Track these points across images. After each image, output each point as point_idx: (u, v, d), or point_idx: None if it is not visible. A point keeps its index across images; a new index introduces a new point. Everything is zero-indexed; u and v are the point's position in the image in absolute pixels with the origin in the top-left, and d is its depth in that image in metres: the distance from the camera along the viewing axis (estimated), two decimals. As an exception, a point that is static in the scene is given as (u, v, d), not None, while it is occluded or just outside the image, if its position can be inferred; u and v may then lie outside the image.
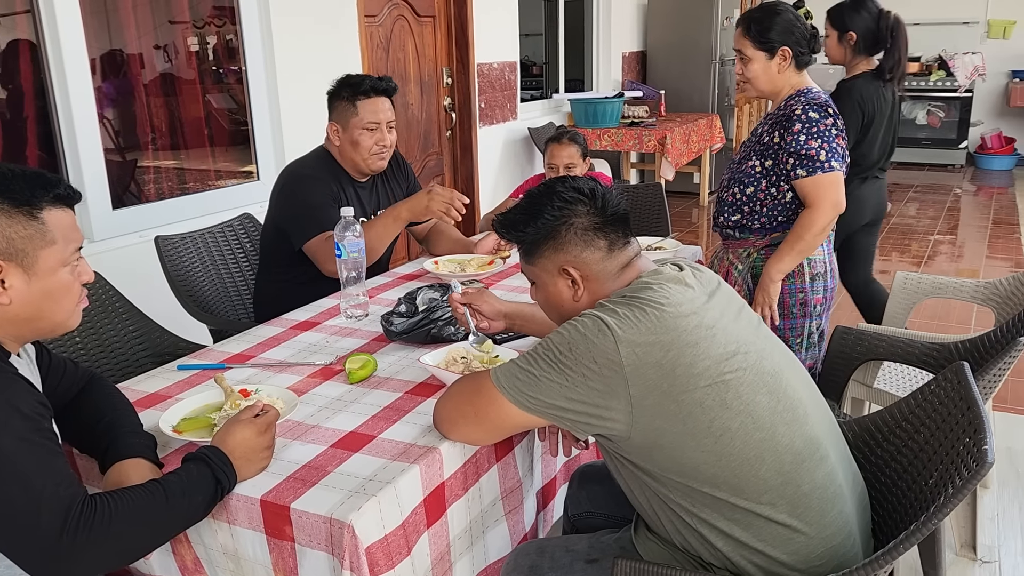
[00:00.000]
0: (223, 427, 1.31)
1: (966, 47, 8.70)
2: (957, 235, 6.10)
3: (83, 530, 1.05)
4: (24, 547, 1.06)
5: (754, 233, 2.29)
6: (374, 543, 1.20)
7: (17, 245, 1.14)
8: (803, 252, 2.20)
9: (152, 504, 1.14)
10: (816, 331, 2.31)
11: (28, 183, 1.16)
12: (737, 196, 2.29)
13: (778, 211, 2.24)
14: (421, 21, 4.54)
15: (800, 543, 1.25)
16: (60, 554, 1.05)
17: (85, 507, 1.07)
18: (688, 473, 1.25)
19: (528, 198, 1.41)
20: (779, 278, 2.23)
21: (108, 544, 1.08)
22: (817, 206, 2.16)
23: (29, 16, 2.72)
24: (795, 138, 2.15)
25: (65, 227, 1.19)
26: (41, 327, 1.21)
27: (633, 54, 7.32)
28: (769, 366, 1.29)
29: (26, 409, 1.09)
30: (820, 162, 2.13)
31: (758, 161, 2.25)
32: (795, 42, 2.19)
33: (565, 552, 1.46)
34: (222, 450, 1.25)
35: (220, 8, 3.44)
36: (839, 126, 2.17)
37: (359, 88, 2.35)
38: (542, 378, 1.25)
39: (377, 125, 2.36)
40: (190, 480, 1.19)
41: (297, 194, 2.35)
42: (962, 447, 1.28)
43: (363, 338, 1.92)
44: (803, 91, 2.21)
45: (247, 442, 1.28)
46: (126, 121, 3.16)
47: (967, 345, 2.01)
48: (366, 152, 2.37)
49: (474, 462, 1.44)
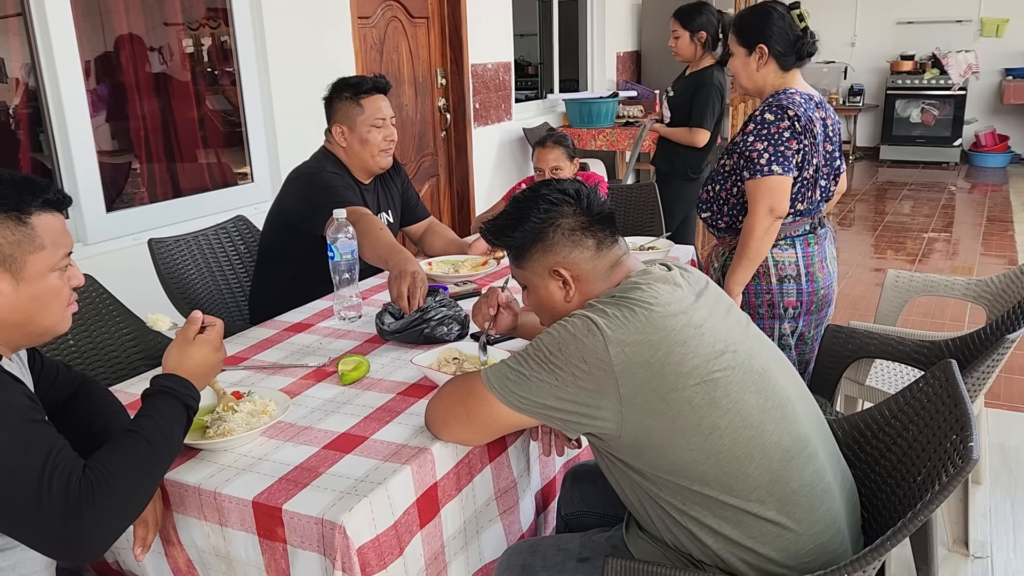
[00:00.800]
0: (175, 350, 1.31)
1: (959, 45, 8.74)
2: (952, 232, 6.12)
3: (87, 506, 1.07)
4: (37, 535, 1.07)
5: (726, 232, 2.31)
6: (365, 543, 1.21)
7: (5, 250, 1.14)
8: (753, 258, 2.19)
9: (140, 455, 1.15)
10: (791, 334, 2.29)
11: (17, 188, 1.16)
12: (709, 193, 2.32)
13: (738, 210, 2.25)
14: (415, 22, 4.55)
15: (789, 540, 1.26)
16: (72, 533, 1.06)
17: (82, 484, 1.08)
18: (678, 471, 1.26)
19: (514, 203, 1.43)
20: (738, 290, 2.24)
21: (114, 509, 1.10)
22: (753, 211, 2.16)
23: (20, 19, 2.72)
24: (744, 139, 2.17)
25: (54, 232, 1.19)
26: (31, 332, 1.21)
27: (628, 54, 7.33)
28: (758, 365, 1.30)
29: (17, 403, 1.10)
30: (760, 165, 2.13)
31: (727, 159, 2.27)
32: (776, 42, 2.19)
33: (557, 551, 1.46)
34: (181, 376, 1.27)
35: (213, 10, 3.44)
36: (798, 129, 2.12)
37: (361, 87, 2.38)
38: (532, 378, 1.26)
39: (383, 120, 2.40)
40: (164, 417, 1.21)
41: (315, 185, 2.35)
42: (949, 444, 1.29)
43: (356, 339, 1.92)
44: (778, 92, 2.20)
45: (206, 360, 1.31)
46: (119, 123, 3.16)
47: (957, 343, 2.02)
48: (375, 148, 2.41)
49: (467, 462, 1.44)
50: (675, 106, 3.97)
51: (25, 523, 1.06)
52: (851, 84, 9.20)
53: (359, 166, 2.46)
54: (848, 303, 4.50)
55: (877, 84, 9.24)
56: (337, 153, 2.46)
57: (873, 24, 9.15)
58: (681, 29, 3.83)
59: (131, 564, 1.42)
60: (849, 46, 9.19)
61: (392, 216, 2.61)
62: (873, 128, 9.43)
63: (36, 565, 1.20)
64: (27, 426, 1.09)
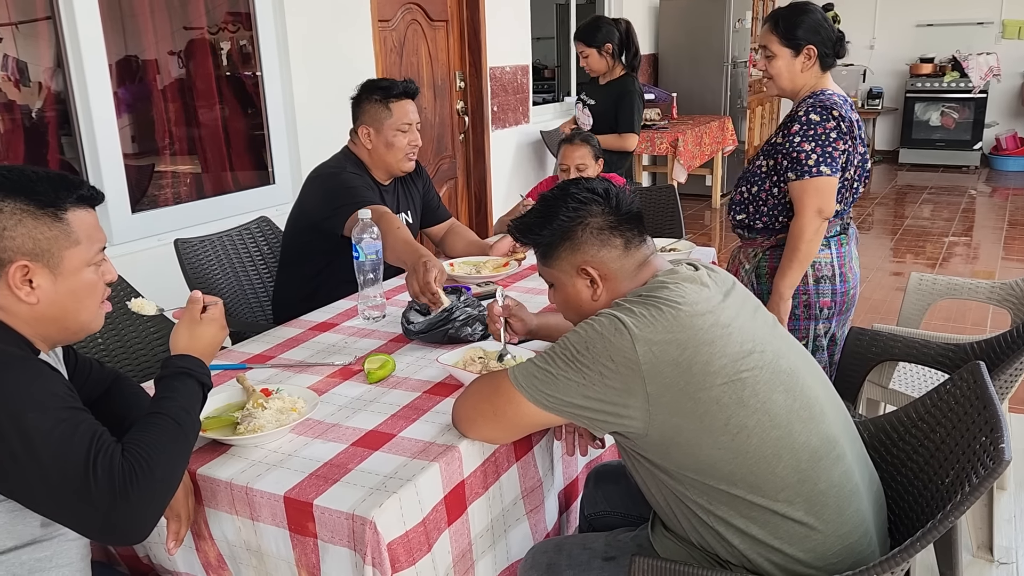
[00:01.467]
0: (183, 331, 1.34)
1: (981, 47, 8.67)
2: (972, 236, 6.07)
3: (133, 488, 1.09)
4: (88, 520, 1.09)
5: (760, 233, 2.30)
6: (395, 539, 1.22)
7: (43, 246, 1.17)
8: (804, 261, 2.19)
9: (171, 434, 1.18)
10: (824, 334, 2.29)
11: (52, 185, 1.19)
12: (744, 195, 2.31)
13: (779, 211, 2.24)
14: (434, 25, 4.57)
15: (817, 541, 1.26)
16: (120, 515, 1.08)
17: (125, 466, 1.10)
18: (705, 470, 1.26)
19: (543, 201, 1.43)
20: (788, 293, 2.23)
21: (156, 488, 1.12)
22: (801, 212, 2.15)
23: (48, 23, 2.77)
24: (790, 139, 2.16)
25: (89, 227, 1.22)
26: (67, 327, 1.24)
27: (645, 57, 7.32)
28: (785, 365, 1.30)
29: (59, 391, 1.12)
30: (808, 166, 2.13)
31: (764, 161, 2.26)
32: (821, 42, 2.19)
33: (582, 550, 1.47)
34: (194, 355, 1.30)
35: (236, 13, 3.47)
36: (843, 129, 2.14)
37: (391, 91, 2.40)
38: (560, 376, 1.27)
39: (410, 126, 2.42)
40: (184, 397, 1.24)
41: (334, 185, 2.37)
42: (978, 446, 1.28)
43: (381, 339, 1.94)
44: (817, 92, 2.20)
45: (215, 339, 1.35)
46: (144, 125, 3.20)
47: (983, 345, 2.01)
48: (400, 153, 2.42)
49: (493, 461, 1.45)
50: (598, 113, 4.11)
51: (74, 508, 1.08)
52: (870, 87, 9.15)
53: (381, 168, 2.47)
54: (868, 306, 4.47)
55: (896, 87, 9.19)
56: (360, 154, 2.48)
57: (893, 26, 9.09)
58: (587, 48, 3.99)
59: (162, 558, 1.44)
60: (868, 49, 9.13)
61: (412, 217, 2.63)
62: (892, 131, 9.37)
63: (72, 556, 1.22)
64: (69, 413, 1.11)
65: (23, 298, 1.17)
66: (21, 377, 1.10)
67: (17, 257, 1.15)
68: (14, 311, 1.18)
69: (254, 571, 1.34)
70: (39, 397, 1.09)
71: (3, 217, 1.14)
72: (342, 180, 2.37)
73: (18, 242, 1.15)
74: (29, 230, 1.16)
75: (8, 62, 2.75)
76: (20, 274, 1.16)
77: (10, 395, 1.07)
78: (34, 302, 1.18)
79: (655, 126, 6.37)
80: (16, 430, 1.06)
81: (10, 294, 1.16)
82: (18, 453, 1.06)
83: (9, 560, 1.16)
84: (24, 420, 1.06)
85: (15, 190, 1.16)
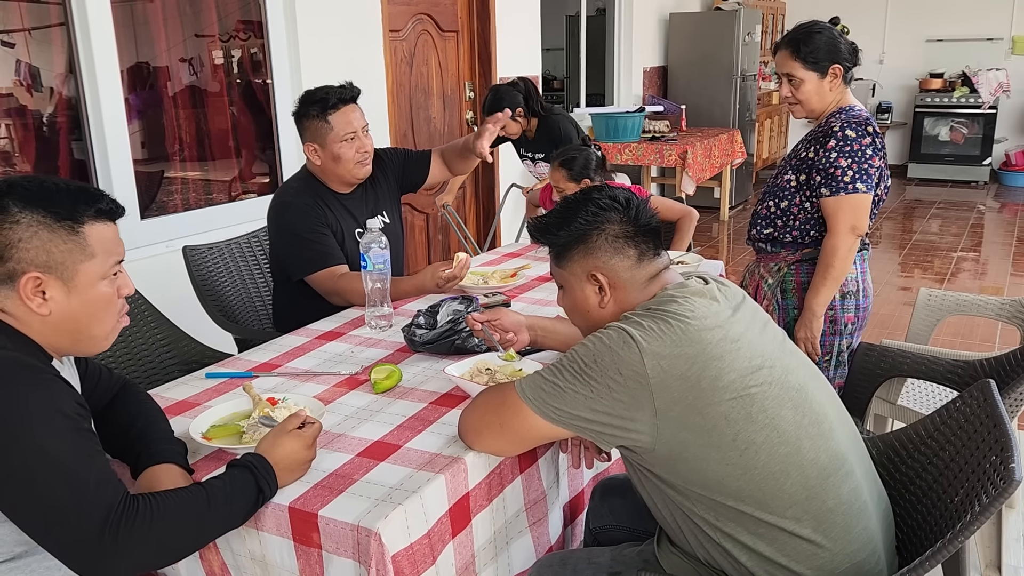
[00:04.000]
0: (270, 436, 1.31)
1: (990, 63, 8.65)
2: (980, 252, 6.05)
3: (124, 530, 1.07)
4: (66, 545, 1.08)
5: (786, 247, 2.30)
6: (400, 551, 1.22)
7: (56, 259, 1.17)
8: (838, 278, 2.18)
9: (194, 507, 1.16)
10: (846, 350, 2.29)
11: (72, 198, 1.19)
12: (771, 209, 2.30)
13: (810, 225, 2.23)
14: (444, 36, 4.59)
15: (825, 559, 1.25)
16: (101, 552, 1.07)
17: (127, 507, 1.09)
18: (712, 486, 1.25)
19: (564, 203, 1.44)
20: (821, 311, 2.22)
21: (149, 545, 1.10)
22: (835, 230, 2.15)
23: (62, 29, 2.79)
24: (827, 155, 2.15)
25: (106, 241, 1.22)
26: (79, 339, 1.23)
27: (654, 69, 7.34)
28: (794, 381, 1.29)
29: (67, 409, 1.11)
30: (844, 183, 2.12)
31: (794, 175, 2.25)
32: (843, 59, 2.19)
33: (588, 564, 1.46)
34: (267, 459, 1.26)
35: (247, 22, 3.49)
36: (878, 145, 2.14)
37: (327, 103, 2.29)
38: (567, 389, 1.26)
39: (354, 134, 2.31)
40: (234, 486, 1.21)
41: (284, 227, 2.34)
42: (988, 465, 1.27)
43: (387, 348, 1.93)
44: (845, 108, 2.20)
45: (295, 454, 1.30)
46: (154, 133, 3.21)
47: (992, 363, 2.00)
48: (350, 163, 2.32)
49: (498, 473, 1.45)
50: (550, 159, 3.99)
51: (60, 531, 1.07)
52: (879, 102, 9.14)
53: (337, 180, 2.39)
54: (876, 322, 4.45)
55: (905, 102, 9.17)
56: (314, 171, 2.39)
57: (902, 41, 9.09)
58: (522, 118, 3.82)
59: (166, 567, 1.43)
60: (877, 63, 9.13)
61: (388, 216, 2.52)
62: (901, 146, 9.35)
63: None
64: (75, 435, 1.10)
65: (35, 309, 1.17)
66: (33, 392, 1.09)
67: (29, 268, 1.15)
68: (27, 321, 1.18)
69: (258, 581, 1.33)
70: (48, 416, 1.08)
71: (19, 228, 1.15)
72: (292, 227, 2.31)
73: (31, 254, 1.15)
74: (43, 242, 1.16)
75: (21, 68, 2.77)
76: (32, 285, 1.16)
77: (16, 410, 1.06)
78: (46, 313, 1.18)
79: (664, 138, 6.37)
80: (18, 447, 1.05)
81: (23, 304, 1.16)
82: (15, 469, 1.05)
83: (19, 567, 1.16)
84: (27, 438, 1.05)
85: (33, 201, 1.16)
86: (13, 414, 1.06)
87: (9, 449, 1.05)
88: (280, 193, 2.44)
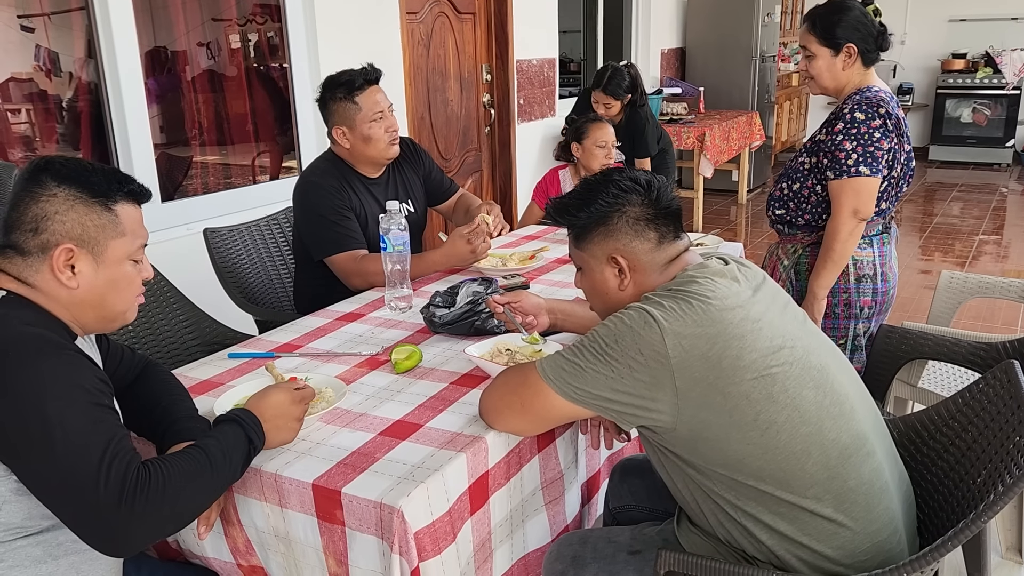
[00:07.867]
0: (260, 391, 1.38)
1: (1014, 43, 8.51)
2: (1003, 235, 5.98)
3: (140, 498, 1.09)
4: (85, 517, 1.10)
5: (801, 229, 2.28)
6: (422, 528, 1.23)
7: (91, 233, 1.20)
8: (839, 261, 2.17)
9: (199, 467, 1.18)
10: (863, 334, 2.27)
11: (106, 177, 1.24)
12: (784, 191, 2.28)
13: (822, 208, 2.22)
14: (461, 18, 4.57)
15: (846, 538, 1.25)
16: (119, 523, 1.09)
17: (140, 476, 1.11)
18: (733, 466, 1.25)
19: (584, 184, 1.43)
20: (823, 294, 2.21)
21: (164, 510, 1.12)
22: (837, 213, 2.13)
23: (82, 14, 2.80)
24: (834, 137, 2.13)
25: (134, 222, 1.26)
26: (103, 315, 1.26)
27: (672, 51, 7.28)
28: (816, 361, 1.29)
29: (88, 384, 1.14)
30: (847, 166, 2.10)
31: (807, 158, 2.23)
32: (861, 39, 2.16)
33: (608, 543, 1.47)
34: (253, 412, 1.31)
35: (265, 6, 3.49)
36: (889, 127, 2.11)
37: (354, 84, 2.31)
38: (588, 369, 1.26)
39: (382, 113, 2.33)
40: (226, 441, 1.24)
41: (309, 208, 2.35)
42: (1012, 446, 1.27)
43: (408, 329, 1.94)
44: (863, 89, 2.17)
45: (280, 406, 1.34)
46: (173, 116, 3.23)
47: (1016, 344, 1.98)
48: (381, 143, 2.34)
49: (516, 452, 1.46)
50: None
51: (78, 504, 1.09)
52: (900, 83, 9.02)
53: (366, 163, 2.40)
54: (898, 304, 4.41)
55: (927, 83, 9.05)
56: (342, 154, 2.40)
57: (924, 22, 8.95)
58: (613, 100, 4.20)
59: (191, 543, 1.46)
60: (899, 44, 8.99)
61: (413, 205, 2.55)
62: (922, 128, 9.23)
63: None
64: (94, 409, 1.12)
65: (64, 282, 1.19)
66: (55, 367, 1.11)
67: (64, 240, 1.18)
68: (55, 295, 1.20)
69: (282, 557, 1.35)
70: (68, 389, 1.11)
71: (56, 201, 1.18)
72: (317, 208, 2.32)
73: (67, 226, 1.19)
74: (80, 215, 1.19)
75: (40, 53, 2.79)
76: (64, 257, 1.19)
77: (39, 384, 1.09)
78: (74, 287, 1.20)
79: (681, 120, 6.33)
80: (39, 419, 1.07)
81: (52, 278, 1.19)
82: (35, 440, 1.07)
83: (46, 540, 1.18)
84: (47, 409, 1.08)
85: (70, 178, 1.20)
86: (36, 387, 1.09)
87: (30, 421, 1.07)
88: (307, 174, 2.44)
